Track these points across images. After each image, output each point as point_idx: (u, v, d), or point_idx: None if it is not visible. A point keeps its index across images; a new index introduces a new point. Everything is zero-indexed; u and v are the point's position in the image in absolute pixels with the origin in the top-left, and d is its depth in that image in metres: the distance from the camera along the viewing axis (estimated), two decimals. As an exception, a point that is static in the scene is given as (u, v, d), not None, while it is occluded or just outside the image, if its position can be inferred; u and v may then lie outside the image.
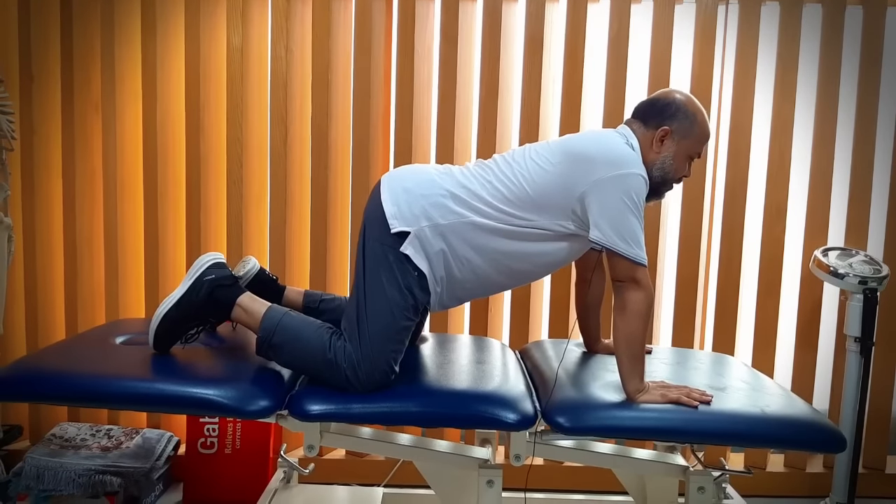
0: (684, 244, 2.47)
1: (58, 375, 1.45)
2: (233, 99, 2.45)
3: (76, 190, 2.48)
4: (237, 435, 2.35)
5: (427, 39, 2.46)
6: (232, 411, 1.43)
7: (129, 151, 2.50)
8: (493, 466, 1.65)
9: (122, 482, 2.18)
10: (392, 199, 1.61)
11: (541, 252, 1.64)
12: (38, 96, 2.47)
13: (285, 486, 2.07)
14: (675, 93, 1.71)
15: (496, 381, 1.64)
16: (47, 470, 2.16)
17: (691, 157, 1.71)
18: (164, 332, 1.59)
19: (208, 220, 2.50)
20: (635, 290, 1.56)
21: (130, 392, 1.43)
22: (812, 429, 1.53)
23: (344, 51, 2.47)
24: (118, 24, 2.44)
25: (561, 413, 1.52)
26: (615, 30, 2.41)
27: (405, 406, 1.52)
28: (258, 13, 2.45)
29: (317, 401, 1.51)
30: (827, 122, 2.45)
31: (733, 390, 1.68)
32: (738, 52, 2.43)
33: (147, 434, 2.37)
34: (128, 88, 2.48)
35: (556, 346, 2.03)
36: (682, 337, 2.49)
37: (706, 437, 1.51)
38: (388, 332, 1.56)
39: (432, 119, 2.50)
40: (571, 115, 2.43)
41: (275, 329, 1.56)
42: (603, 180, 1.56)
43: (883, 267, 2.28)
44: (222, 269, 1.63)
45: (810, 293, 2.49)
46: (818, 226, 2.47)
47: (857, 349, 2.27)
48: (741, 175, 2.46)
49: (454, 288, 1.65)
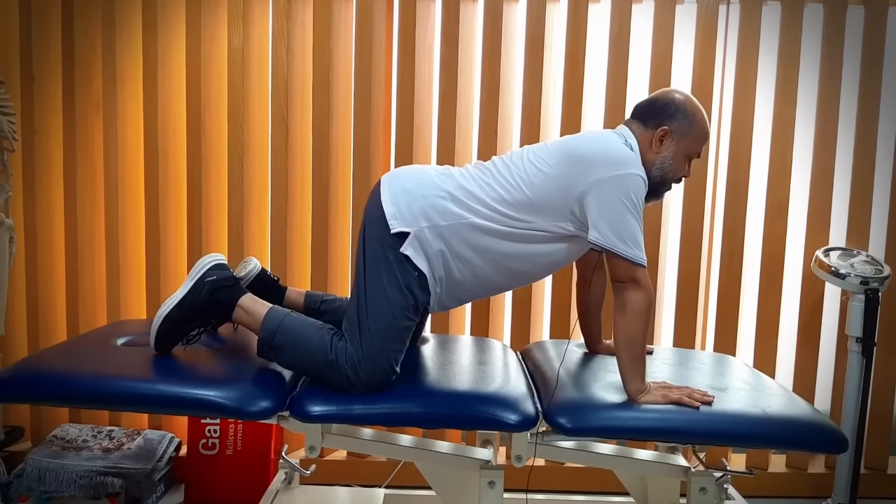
0: (686, 243, 2.47)
1: (59, 376, 1.45)
2: (234, 99, 2.45)
3: (77, 190, 2.48)
4: (238, 436, 2.35)
5: (428, 40, 2.46)
6: (233, 412, 1.43)
7: (131, 152, 2.50)
8: (495, 467, 1.65)
9: (123, 483, 2.18)
10: (392, 199, 1.61)
11: (540, 253, 1.63)
12: (39, 97, 2.47)
13: (287, 487, 2.07)
14: (674, 92, 1.70)
15: (497, 381, 1.64)
16: (49, 471, 2.16)
17: (690, 156, 1.71)
18: (165, 333, 1.59)
19: (209, 220, 2.50)
20: (635, 291, 1.56)
21: (132, 393, 1.43)
22: (814, 429, 1.52)
23: (345, 51, 2.47)
24: (119, 25, 2.44)
25: (562, 414, 1.52)
26: (616, 30, 2.41)
27: (406, 407, 1.52)
28: (259, 14, 2.45)
29: (318, 402, 1.51)
30: (828, 122, 2.45)
31: (735, 391, 1.68)
32: (740, 52, 2.43)
33: (148, 435, 2.37)
34: (129, 89, 2.49)
35: (558, 346, 2.03)
36: (683, 336, 2.49)
37: (708, 438, 1.51)
38: (389, 331, 1.56)
39: (433, 119, 2.50)
40: (572, 115, 2.43)
41: (276, 330, 1.56)
42: (601, 181, 1.56)
43: (884, 267, 2.28)
44: (224, 270, 1.63)
45: (811, 293, 2.49)
46: (819, 225, 2.47)
47: (859, 349, 2.27)
48: (742, 174, 2.45)
49: (454, 288, 1.65)
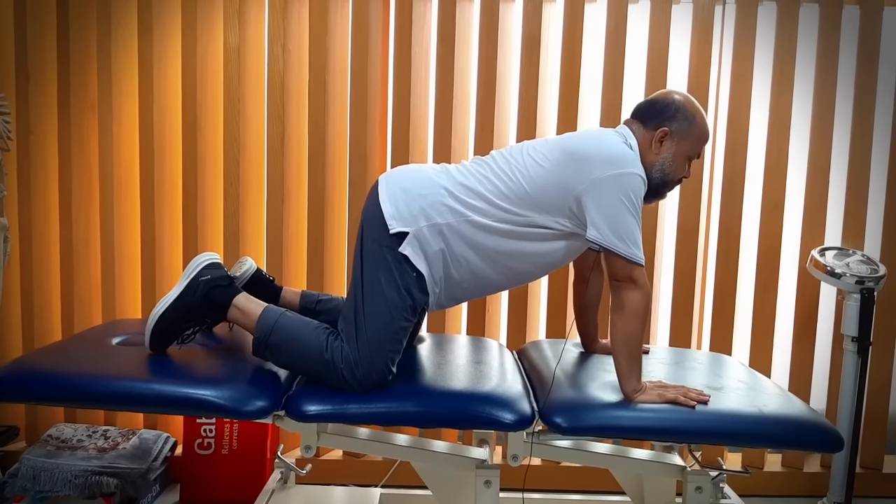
0: (682, 242, 2.47)
1: (54, 376, 1.45)
2: (230, 99, 2.44)
3: (72, 190, 2.47)
4: (234, 436, 2.34)
5: (424, 39, 2.46)
6: (229, 412, 1.43)
7: (126, 151, 2.50)
8: (491, 467, 1.65)
9: (118, 483, 2.18)
10: (390, 199, 1.61)
11: (538, 251, 1.63)
12: (35, 96, 2.46)
13: (282, 486, 2.06)
14: (674, 93, 1.70)
15: (494, 381, 1.64)
16: (44, 471, 2.16)
17: (690, 157, 1.71)
18: (160, 333, 1.58)
19: (205, 220, 2.49)
20: (633, 290, 1.56)
21: (127, 392, 1.42)
22: (809, 428, 1.53)
23: (341, 50, 2.47)
24: (115, 24, 2.44)
25: (558, 413, 1.52)
26: (612, 29, 2.41)
27: (402, 406, 1.52)
28: (255, 13, 2.45)
29: (314, 401, 1.51)
30: (824, 122, 2.45)
31: (731, 390, 1.68)
32: (736, 52, 2.43)
33: (144, 435, 2.37)
34: (124, 88, 2.48)
35: (554, 346, 2.03)
36: (679, 334, 2.49)
37: (703, 437, 1.51)
38: (386, 332, 1.56)
39: (429, 119, 2.49)
40: (569, 114, 2.43)
41: (271, 329, 1.56)
42: (601, 179, 1.56)
43: (880, 267, 2.29)
44: (218, 269, 1.63)
45: (807, 292, 2.49)
46: (815, 225, 2.47)
47: (855, 349, 2.28)
48: (738, 173, 2.46)
49: (452, 288, 1.65)
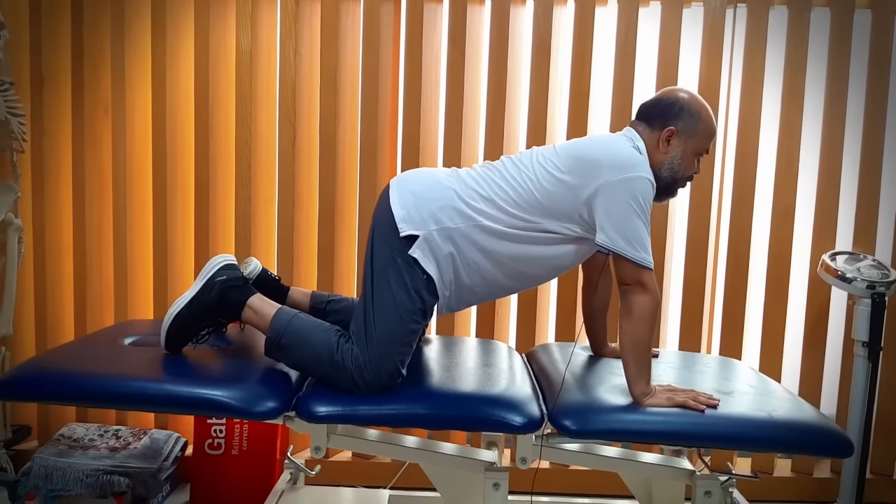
0: (692, 247, 2.46)
1: (66, 376, 1.46)
2: (242, 101, 2.46)
3: (86, 191, 2.50)
4: (244, 436, 2.35)
5: (435, 43, 2.47)
6: (239, 412, 1.44)
7: (139, 153, 2.52)
8: (500, 469, 1.65)
9: (129, 482, 2.19)
10: (401, 202, 1.61)
11: (548, 255, 1.64)
12: (49, 98, 2.48)
13: (292, 487, 2.07)
14: (677, 91, 1.70)
15: (503, 383, 1.64)
16: (56, 470, 2.17)
17: (699, 154, 1.70)
18: (175, 332, 1.59)
19: (217, 221, 2.51)
20: (641, 294, 1.56)
21: (138, 392, 1.44)
22: (819, 433, 1.52)
23: (352, 54, 2.48)
24: (128, 27, 2.46)
25: (567, 416, 1.52)
26: (623, 33, 2.41)
27: (412, 408, 1.53)
28: (267, 16, 2.46)
29: (324, 402, 1.52)
30: (835, 126, 2.44)
31: (740, 394, 1.68)
32: (746, 56, 2.43)
33: (155, 435, 2.38)
34: (137, 90, 2.50)
35: (563, 349, 2.03)
36: (688, 340, 2.48)
37: (713, 441, 1.51)
38: (396, 335, 1.56)
39: (440, 122, 2.50)
40: (579, 119, 2.44)
41: (284, 330, 1.57)
42: (609, 184, 1.56)
43: (891, 271, 2.28)
44: (233, 270, 1.64)
45: (817, 297, 2.48)
46: (826, 230, 2.46)
47: (865, 354, 2.26)
48: (749, 178, 2.45)
49: (462, 292, 1.65)
